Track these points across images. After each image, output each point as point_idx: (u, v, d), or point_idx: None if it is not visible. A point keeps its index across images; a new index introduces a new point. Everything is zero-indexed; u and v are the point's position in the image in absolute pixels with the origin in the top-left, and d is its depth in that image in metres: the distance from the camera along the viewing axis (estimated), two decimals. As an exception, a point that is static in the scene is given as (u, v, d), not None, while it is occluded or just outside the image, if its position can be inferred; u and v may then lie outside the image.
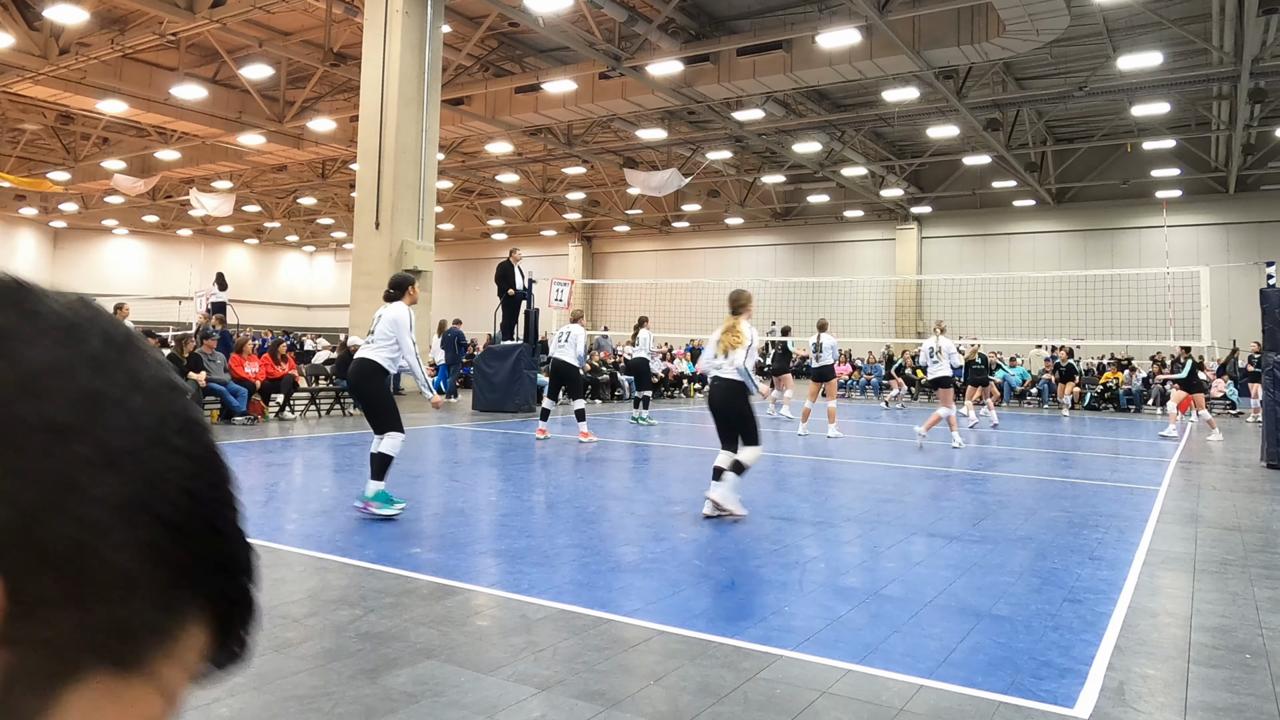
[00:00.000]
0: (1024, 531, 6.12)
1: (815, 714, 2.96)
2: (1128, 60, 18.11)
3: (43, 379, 0.34)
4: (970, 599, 4.39)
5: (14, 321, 0.34)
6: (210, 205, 31.31)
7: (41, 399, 0.33)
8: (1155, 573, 5.06)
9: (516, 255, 15.55)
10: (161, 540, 0.35)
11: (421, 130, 16.59)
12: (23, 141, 29.16)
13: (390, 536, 5.44)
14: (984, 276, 26.56)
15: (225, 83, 23.52)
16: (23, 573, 0.32)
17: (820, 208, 36.18)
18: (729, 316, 6.53)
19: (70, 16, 17.38)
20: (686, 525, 6.10)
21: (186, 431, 0.37)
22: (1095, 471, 9.75)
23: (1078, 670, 3.44)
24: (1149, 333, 21.06)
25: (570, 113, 22.51)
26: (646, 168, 28.67)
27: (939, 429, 12.12)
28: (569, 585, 4.49)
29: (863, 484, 8.15)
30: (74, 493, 0.33)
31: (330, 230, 45.96)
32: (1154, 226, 28.50)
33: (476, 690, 3.08)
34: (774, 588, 4.52)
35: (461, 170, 31.50)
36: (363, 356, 6.13)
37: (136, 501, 0.35)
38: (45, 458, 0.33)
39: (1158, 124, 24.95)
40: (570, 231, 43.10)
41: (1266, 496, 8.07)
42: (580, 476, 8.37)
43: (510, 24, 19.71)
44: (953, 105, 20.73)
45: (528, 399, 14.94)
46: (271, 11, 17.56)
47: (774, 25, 18.60)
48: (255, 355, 12.90)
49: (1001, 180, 30.37)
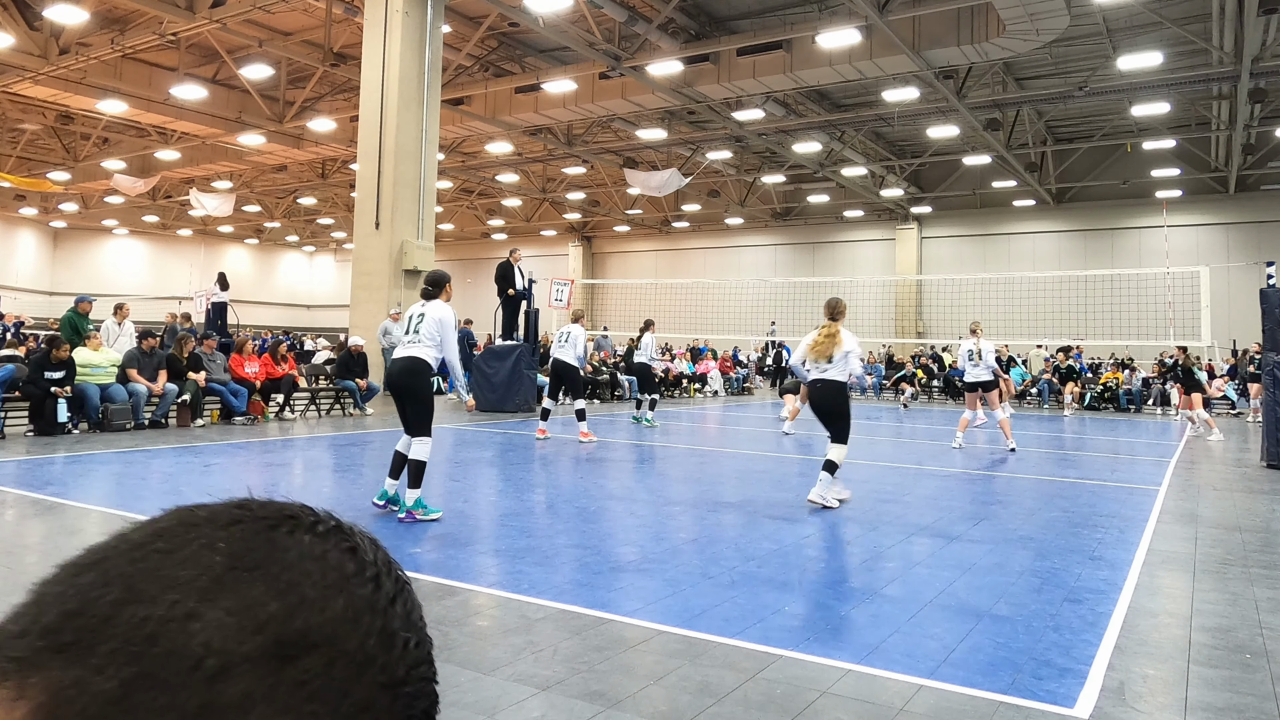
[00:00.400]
0: (1024, 531, 6.12)
1: (815, 714, 2.96)
2: (1128, 60, 18.11)
3: (363, 616, 0.41)
4: (970, 599, 4.39)
5: (351, 567, 0.42)
6: (210, 205, 31.31)
7: (363, 633, 0.40)
8: (1155, 573, 5.06)
9: (516, 255, 15.55)
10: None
11: (421, 130, 16.59)
12: (23, 141, 29.16)
13: (390, 537, 5.44)
14: (984, 276, 26.56)
15: (225, 83, 23.52)
16: None
17: (820, 208, 36.18)
18: (827, 323, 6.98)
19: (70, 16, 17.38)
20: (687, 525, 6.10)
21: (430, 663, 0.44)
22: (1095, 471, 9.75)
23: (1078, 670, 3.44)
24: (1149, 333, 21.07)
25: (570, 113, 22.52)
26: (646, 168, 28.67)
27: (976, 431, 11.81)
28: (569, 585, 4.49)
29: (863, 484, 8.15)
30: (371, 713, 0.39)
31: (330, 230, 45.96)
32: (1154, 226, 28.51)
33: (476, 690, 3.08)
34: (774, 588, 4.52)
35: (461, 170, 31.50)
36: (411, 355, 6.06)
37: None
38: (359, 681, 0.39)
39: (1158, 124, 24.95)
40: (570, 231, 43.11)
41: (1266, 496, 8.07)
42: (580, 476, 8.37)
43: (510, 24, 19.72)
44: (953, 105, 20.73)
45: (528, 399, 14.94)
46: (271, 11, 17.56)
47: (774, 25, 18.60)
48: (255, 355, 12.90)
49: (1001, 180, 30.37)
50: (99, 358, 10.82)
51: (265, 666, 0.37)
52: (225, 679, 0.36)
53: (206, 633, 0.37)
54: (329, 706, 0.38)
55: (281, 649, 0.38)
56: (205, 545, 0.40)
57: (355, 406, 13.87)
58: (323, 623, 0.39)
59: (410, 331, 6.16)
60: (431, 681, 0.44)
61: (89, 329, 11.29)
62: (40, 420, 10.14)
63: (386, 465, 6.25)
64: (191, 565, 0.39)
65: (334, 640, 0.39)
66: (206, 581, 0.39)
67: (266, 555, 0.41)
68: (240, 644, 0.37)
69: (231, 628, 0.37)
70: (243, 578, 0.39)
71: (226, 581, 0.39)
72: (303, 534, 0.43)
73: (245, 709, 0.36)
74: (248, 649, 0.37)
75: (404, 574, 0.45)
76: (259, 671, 0.37)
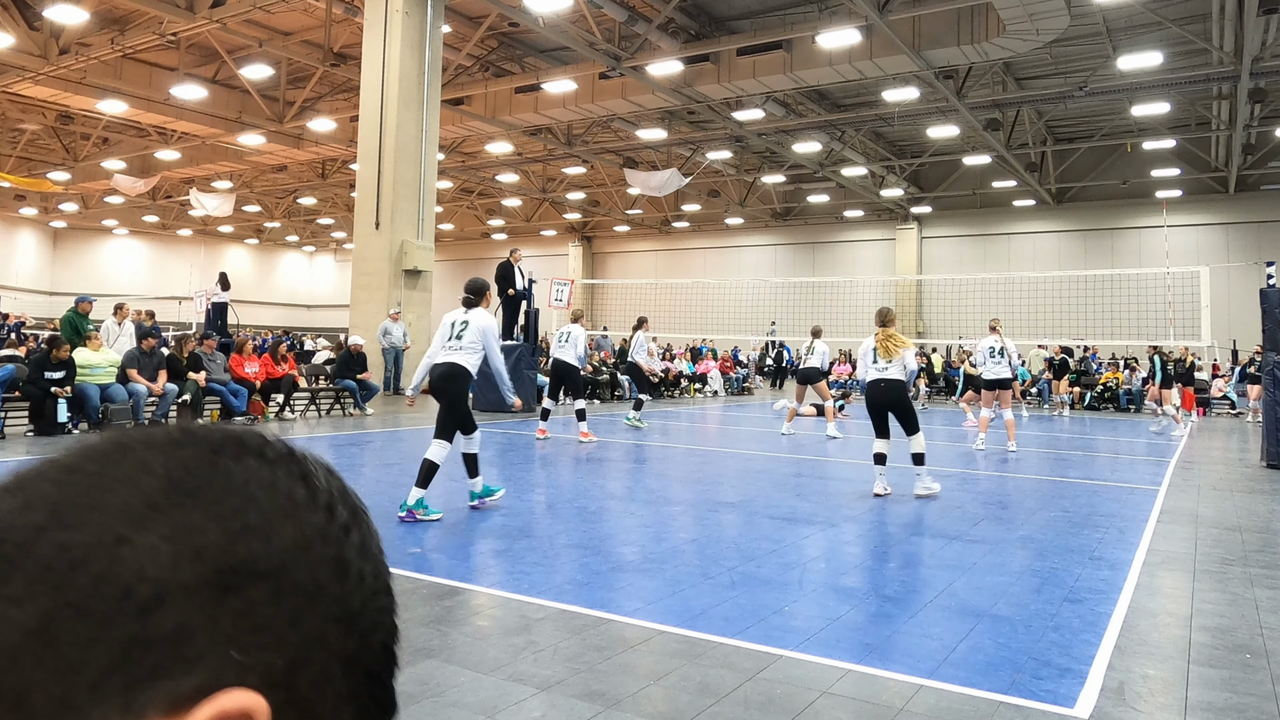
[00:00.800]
0: (1024, 531, 6.13)
1: (815, 714, 2.96)
2: (1128, 60, 18.12)
3: (314, 545, 0.39)
4: (970, 599, 4.39)
5: (302, 494, 0.40)
6: (210, 205, 31.32)
7: (314, 562, 0.38)
8: (1155, 573, 5.06)
9: (517, 255, 15.54)
10: (361, 689, 0.40)
11: (421, 130, 16.60)
12: (23, 141, 29.16)
13: (390, 537, 5.44)
14: (984, 276, 26.57)
15: (225, 83, 23.52)
16: (279, 710, 0.35)
17: (820, 208, 36.18)
18: (881, 329, 7.66)
19: (70, 16, 17.38)
20: (687, 525, 6.10)
21: (388, 594, 0.43)
22: (1095, 471, 9.75)
23: (1078, 670, 3.44)
24: (1149, 333, 21.06)
25: (570, 113, 22.52)
26: (646, 168, 28.67)
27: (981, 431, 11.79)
28: (569, 585, 4.49)
29: (862, 484, 8.15)
30: (323, 645, 0.38)
31: (330, 230, 45.96)
32: (1154, 226, 28.51)
33: (476, 690, 3.08)
34: (774, 588, 4.52)
35: (461, 170, 31.50)
36: (453, 361, 6.30)
37: (357, 655, 0.39)
38: (310, 613, 0.37)
39: (1158, 124, 24.95)
40: (570, 231, 43.11)
41: (1266, 496, 8.07)
42: (580, 476, 8.37)
43: (510, 24, 19.72)
44: (953, 105, 20.74)
45: (528, 399, 14.93)
46: (271, 11, 17.56)
47: (774, 25, 18.60)
48: (255, 355, 12.89)
49: (1001, 180, 30.37)
50: (99, 358, 10.82)
51: (204, 596, 0.35)
52: (158, 609, 0.34)
53: (138, 560, 0.35)
54: (276, 638, 0.36)
55: (223, 578, 0.36)
56: (140, 468, 0.38)
57: (355, 406, 13.86)
58: (269, 551, 0.37)
59: (453, 338, 6.37)
60: (389, 614, 0.42)
61: (89, 329, 11.29)
62: (40, 420, 10.14)
63: (387, 465, 6.27)
64: (124, 489, 0.37)
65: (282, 570, 0.37)
66: (140, 506, 0.36)
67: (208, 479, 0.38)
68: (176, 572, 0.35)
69: (166, 555, 0.35)
70: (181, 502, 0.37)
71: (162, 506, 0.36)
72: (250, 459, 0.40)
73: (181, 641, 0.34)
74: (185, 577, 0.35)
75: (360, 503, 0.43)
76: (197, 601, 0.35)
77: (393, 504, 6.40)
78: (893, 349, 7.52)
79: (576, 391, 11.82)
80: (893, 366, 7.50)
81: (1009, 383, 11.59)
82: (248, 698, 0.34)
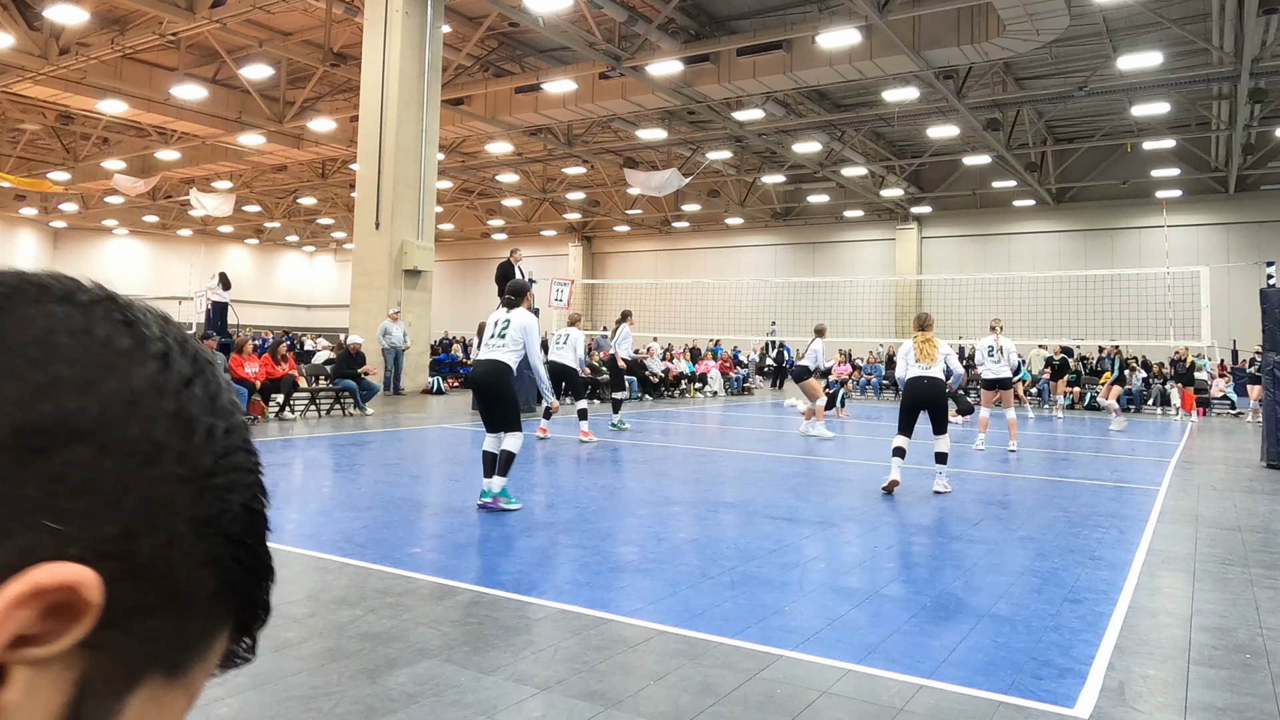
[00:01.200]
0: (1024, 531, 6.13)
1: (815, 714, 2.96)
2: (1128, 60, 18.12)
3: (146, 399, 0.35)
4: (970, 599, 4.39)
5: (127, 342, 0.36)
6: (210, 205, 31.32)
7: (146, 418, 0.35)
8: (1155, 573, 5.06)
9: (517, 255, 15.51)
10: (223, 553, 0.37)
11: (421, 130, 16.60)
12: (23, 141, 29.16)
13: (390, 537, 5.44)
14: (984, 276, 26.55)
15: (225, 83, 23.52)
16: (116, 581, 0.33)
17: (820, 208, 36.18)
18: (918, 332, 8.04)
19: (70, 16, 17.39)
20: (687, 525, 6.10)
21: (247, 451, 0.39)
22: (1095, 471, 9.75)
23: (1078, 670, 3.44)
24: (1149, 333, 21.06)
25: (570, 113, 22.52)
26: (646, 168, 28.67)
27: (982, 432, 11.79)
28: (569, 585, 4.49)
29: (863, 484, 8.16)
30: (167, 508, 0.35)
31: (330, 230, 45.96)
32: (1154, 226, 28.51)
33: (476, 690, 3.08)
34: (774, 588, 4.52)
35: (461, 170, 31.50)
36: (495, 359, 6.51)
37: (212, 518, 0.36)
38: (147, 474, 0.34)
39: (1158, 124, 24.95)
40: (570, 231, 43.11)
41: (1266, 496, 8.07)
42: (580, 476, 8.37)
43: (510, 24, 19.72)
44: (953, 105, 20.73)
45: (528, 399, 14.92)
46: (271, 11, 17.56)
47: (774, 25, 18.60)
48: (255, 355, 12.89)
49: (1001, 180, 30.37)
50: (99, 358, 10.80)
51: (3, 460, 0.32)
52: None
53: None
54: (106, 503, 0.33)
55: (25, 438, 0.32)
56: None
57: (355, 406, 13.86)
58: (85, 406, 0.33)
59: (495, 336, 6.61)
60: (251, 472, 0.39)
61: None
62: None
63: (387, 465, 6.28)
64: None
65: (105, 427, 0.33)
66: None
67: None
68: None
69: None
70: None
71: None
72: (52, 304, 0.35)
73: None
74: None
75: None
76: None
77: (394, 504, 6.40)
78: (932, 352, 7.93)
79: (577, 392, 11.86)
80: (934, 367, 7.90)
81: (1009, 382, 11.65)
82: (70, 570, 0.31)
